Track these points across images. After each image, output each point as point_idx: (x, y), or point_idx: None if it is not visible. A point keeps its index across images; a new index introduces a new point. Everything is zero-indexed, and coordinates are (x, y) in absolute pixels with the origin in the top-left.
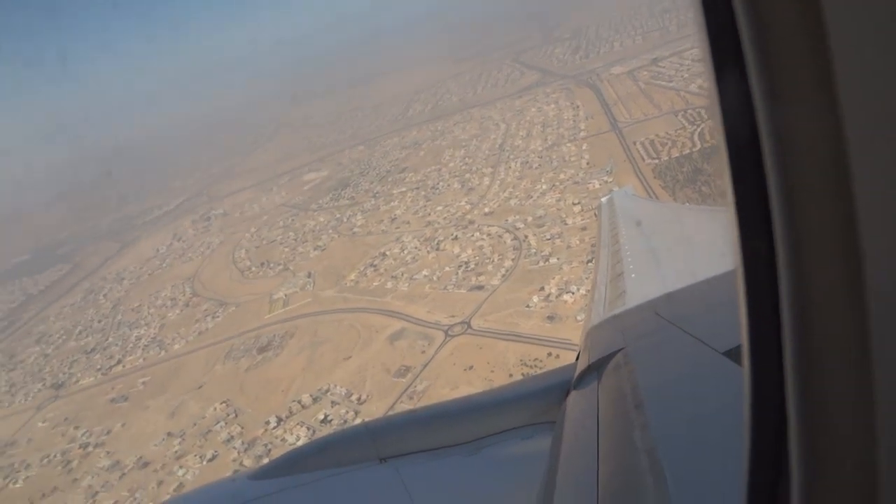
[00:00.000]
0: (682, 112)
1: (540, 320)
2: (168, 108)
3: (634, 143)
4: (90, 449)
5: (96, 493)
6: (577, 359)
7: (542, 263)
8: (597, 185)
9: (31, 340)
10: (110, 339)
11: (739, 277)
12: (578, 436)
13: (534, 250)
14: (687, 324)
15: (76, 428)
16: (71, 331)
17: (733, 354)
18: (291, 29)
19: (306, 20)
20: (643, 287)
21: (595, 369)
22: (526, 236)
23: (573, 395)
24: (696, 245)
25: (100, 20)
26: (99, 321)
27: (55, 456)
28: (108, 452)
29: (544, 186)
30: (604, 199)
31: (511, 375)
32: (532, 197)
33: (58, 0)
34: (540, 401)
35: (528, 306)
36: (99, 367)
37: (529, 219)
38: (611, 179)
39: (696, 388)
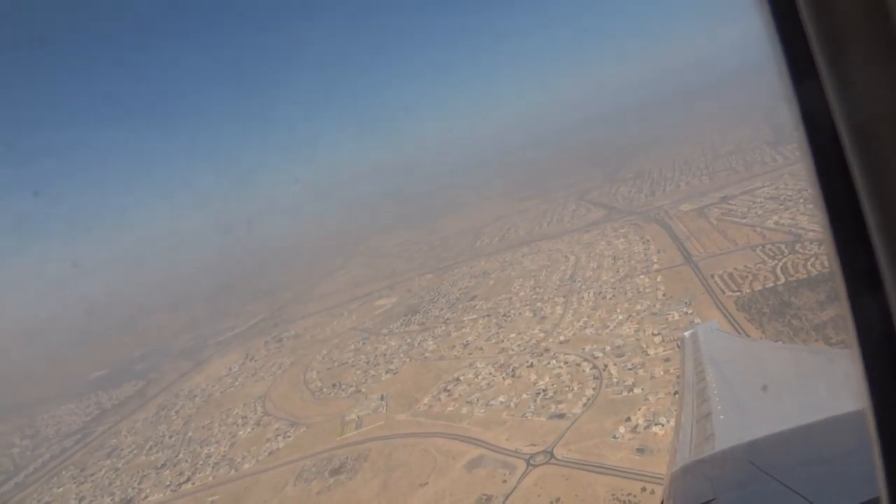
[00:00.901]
0: (759, 247)
1: (629, 452)
2: (257, 232)
3: (712, 276)
4: None
5: None
6: None
7: (625, 393)
8: (676, 317)
9: (103, 454)
10: (181, 456)
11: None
12: None
13: (615, 380)
14: (785, 475)
15: None
16: (142, 446)
17: None
18: (371, 160)
19: (382, 155)
20: (733, 431)
21: None
22: (605, 365)
23: None
24: (790, 386)
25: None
26: (170, 437)
27: None
28: None
29: (620, 317)
30: (687, 333)
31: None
32: (608, 327)
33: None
34: None
35: (614, 437)
36: (168, 483)
37: (607, 348)
38: (690, 311)
39: None
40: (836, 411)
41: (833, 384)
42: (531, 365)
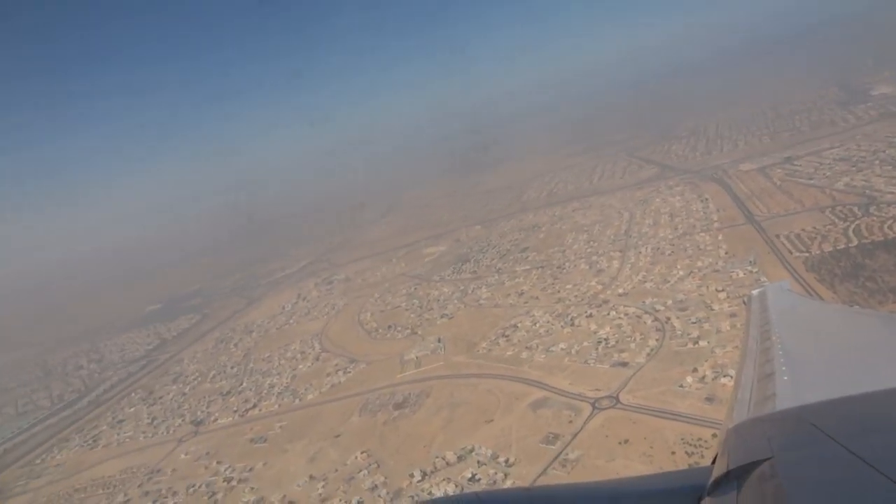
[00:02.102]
0: (828, 209)
1: (697, 401)
2: (301, 178)
3: (777, 237)
4: (234, 483)
5: None
6: (714, 461)
7: (690, 345)
8: (741, 275)
9: (168, 380)
10: (244, 385)
11: None
12: None
13: (679, 332)
14: (849, 440)
15: (218, 462)
16: (205, 374)
17: None
18: (409, 114)
19: (419, 110)
20: (797, 392)
21: (735, 477)
22: (668, 318)
23: (707, 502)
24: (862, 352)
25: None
26: (232, 367)
27: (200, 486)
28: (252, 488)
29: (681, 272)
30: (755, 292)
31: (673, 453)
32: (668, 282)
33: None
34: (667, 502)
35: (681, 386)
36: (235, 408)
37: (669, 302)
38: (755, 269)
39: None
40: None
41: None
42: (590, 315)
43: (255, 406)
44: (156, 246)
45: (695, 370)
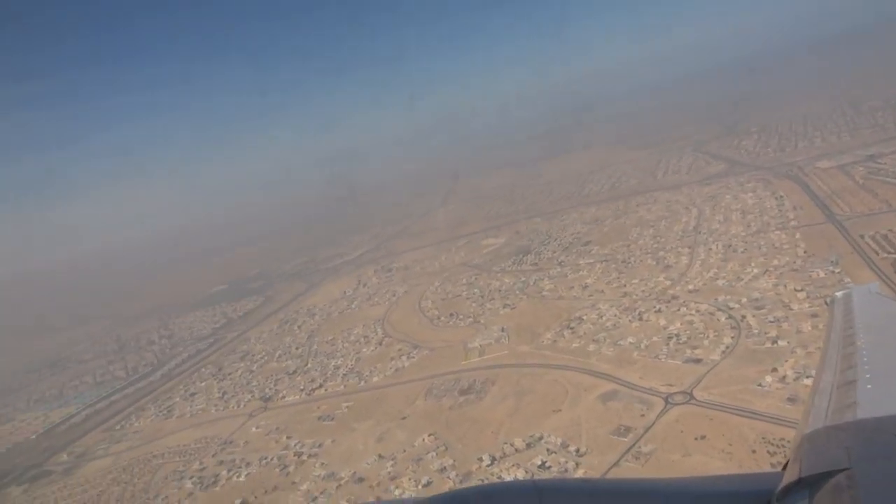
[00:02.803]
0: None
1: (778, 401)
2: (364, 165)
3: (862, 237)
4: (304, 458)
5: (315, 497)
6: (785, 467)
7: (768, 345)
8: (821, 274)
9: (236, 357)
10: (309, 365)
11: None
12: None
13: (756, 331)
14: None
15: (288, 437)
16: (271, 353)
17: None
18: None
19: (478, 100)
20: (880, 402)
21: (807, 485)
22: (743, 316)
23: None
24: None
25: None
26: (297, 348)
27: (272, 459)
28: (322, 463)
29: (755, 270)
30: (839, 293)
31: (754, 452)
32: (742, 279)
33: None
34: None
35: (760, 385)
36: (302, 387)
37: (744, 300)
38: (838, 270)
39: None
40: None
41: None
42: (659, 310)
43: (320, 386)
44: (220, 228)
45: (774, 370)
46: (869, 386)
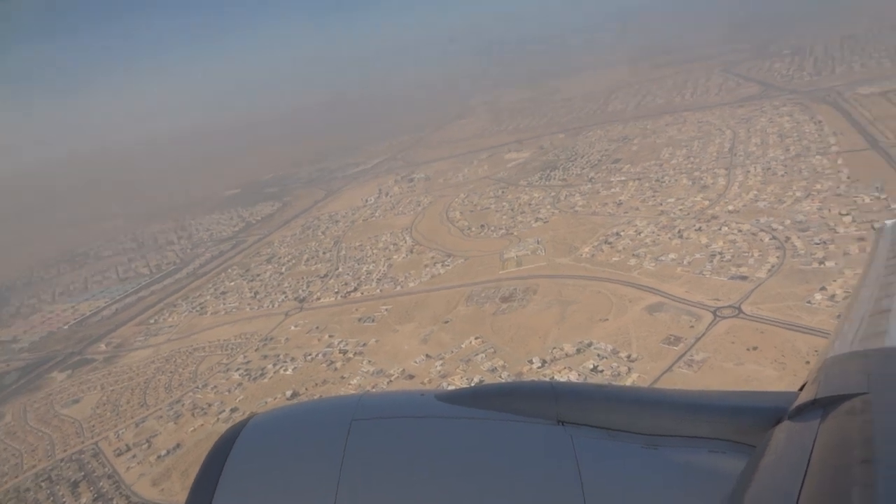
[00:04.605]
0: None
1: (829, 317)
2: (373, 73)
3: None
4: (350, 356)
5: (367, 391)
6: (802, 388)
7: (815, 265)
8: (867, 200)
9: (262, 259)
10: (340, 269)
11: None
12: (780, 471)
13: (801, 252)
14: None
15: (330, 336)
16: (298, 257)
17: None
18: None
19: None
20: None
21: (822, 406)
22: (787, 238)
23: (786, 424)
24: None
25: None
26: (324, 253)
27: (317, 356)
28: (369, 361)
29: (798, 194)
30: (889, 222)
31: (808, 362)
32: (784, 202)
33: None
34: (742, 418)
35: (809, 302)
36: (336, 290)
37: (787, 222)
38: (884, 196)
39: None
40: None
41: None
42: (699, 229)
43: (355, 289)
44: (228, 132)
45: (823, 289)
46: None
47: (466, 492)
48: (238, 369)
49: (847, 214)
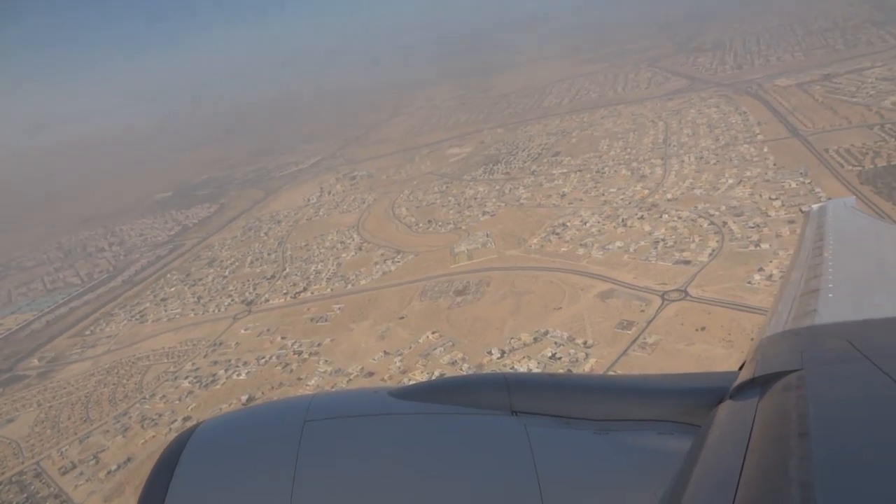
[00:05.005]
0: (877, 126)
1: (768, 296)
2: (303, 73)
3: (826, 151)
4: (305, 356)
5: (319, 391)
6: (741, 367)
7: (752, 248)
8: (793, 185)
9: (203, 263)
10: (287, 270)
11: None
12: (724, 448)
13: (738, 235)
14: (886, 362)
15: (283, 338)
16: (242, 259)
17: None
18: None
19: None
20: (840, 310)
21: (760, 384)
22: (724, 222)
23: (727, 404)
24: None
25: None
26: (268, 254)
27: (271, 358)
28: (326, 361)
29: (730, 181)
30: (815, 206)
31: (752, 339)
32: (718, 189)
33: None
34: (687, 399)
35: (749, 283)
36: (285, 291)
37: (723, 207)
38: (808, 181)
39: (878, 434)
40: None
41: None
42: (642, 217)
43: (305, 289)
44: (152, 135)
45: (761, 269)
46: (830, 294)
47: (423, 487)
48: (187, 377)
49: (777, 199)
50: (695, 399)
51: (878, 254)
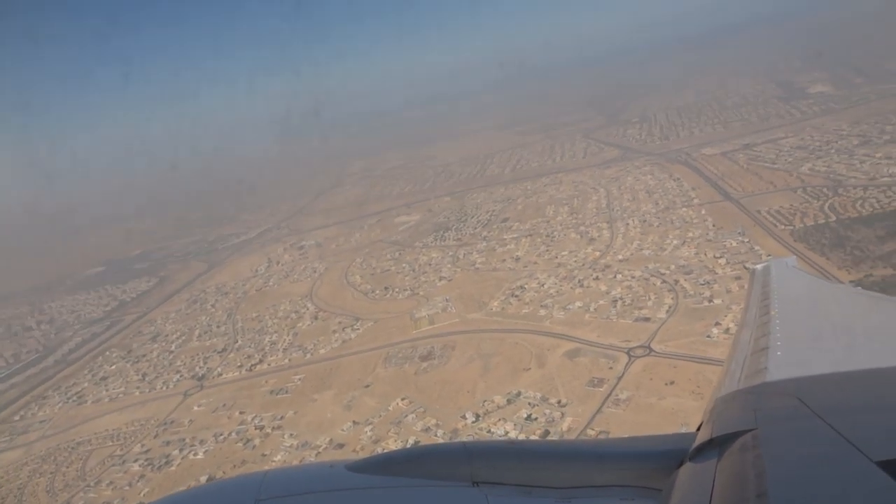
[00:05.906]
0: (799, 189)
1: (727, 348)
2: (240, 146)
3: (758, 212)
4: (268, 431)
5: (272, 468)
6: (699, 428)
7: (706, 303)
8: (734, 244)
9: (146, 339)
10: (240, 342)
11: None
12: None
13: (691, 292)
14: (835, 419)
15: (241, 413)
16: (189, 333)
17: (889, 467)
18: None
19: (367, 80)
20: (789, 367)
21: (717, 445)
22: (676, 280)
23: (687, 466)
24: (863, 333)
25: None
26: (218, 326)
27: (230, 435)
28: (290, 434)
29: (675, 241)
30: (759, 266)
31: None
32: (665, 249)
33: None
34: (648, 463)
35: (708, 336)
36: (239, 364)
37: (672, 266)
38: (747, 240)
39: (830, 491)
40: None
41: None
42: (597, 278)
43: (260, 361)
44: (80, 206)
45: (717, 323)
46: (779, 353)
47: None
48: (136, 460)
49: (721, 257)
50: (655, 462)
51: (820, 311)
